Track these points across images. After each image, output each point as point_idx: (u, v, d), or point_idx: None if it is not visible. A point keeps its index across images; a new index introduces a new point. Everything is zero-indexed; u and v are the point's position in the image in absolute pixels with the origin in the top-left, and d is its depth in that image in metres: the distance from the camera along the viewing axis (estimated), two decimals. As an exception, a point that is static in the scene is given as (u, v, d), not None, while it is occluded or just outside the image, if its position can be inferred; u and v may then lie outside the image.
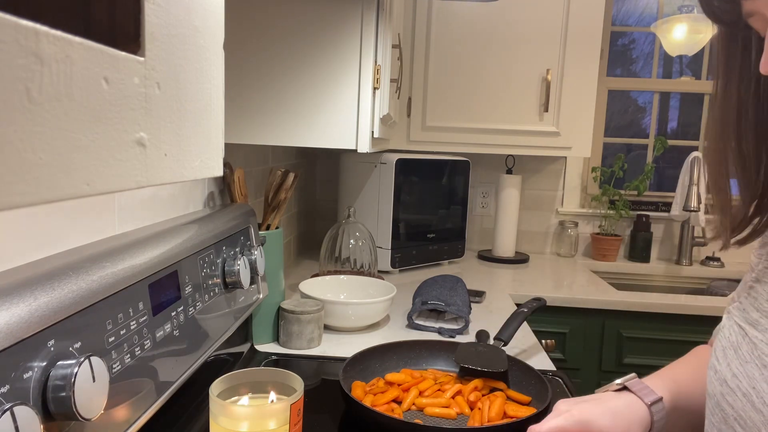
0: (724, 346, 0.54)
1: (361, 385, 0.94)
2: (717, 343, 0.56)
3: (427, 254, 1.94)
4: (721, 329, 0.56)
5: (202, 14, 0.36)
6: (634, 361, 1.72)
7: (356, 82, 1.05)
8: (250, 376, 0.72)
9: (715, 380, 0.53)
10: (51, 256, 0.56)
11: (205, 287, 0.80)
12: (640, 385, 0.67)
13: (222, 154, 0.41)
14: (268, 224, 1.17)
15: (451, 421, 0.89)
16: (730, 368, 0.51)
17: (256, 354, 1.13)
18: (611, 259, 2.28)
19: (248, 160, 1.34)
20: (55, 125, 0.21)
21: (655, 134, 2.41)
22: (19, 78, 0.19)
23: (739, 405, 0.49)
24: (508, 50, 1.97)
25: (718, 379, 0.53)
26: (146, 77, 0.29)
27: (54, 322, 0.46)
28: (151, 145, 0.30)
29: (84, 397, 0.44)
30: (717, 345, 0.55)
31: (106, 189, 0.25)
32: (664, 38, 2.20)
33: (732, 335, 0.53)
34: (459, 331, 1.29)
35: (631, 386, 0.67)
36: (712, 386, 0.54)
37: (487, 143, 2.02)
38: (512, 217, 2.17)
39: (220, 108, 0.40)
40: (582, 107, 1.99)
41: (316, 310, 1.17)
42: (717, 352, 0.55)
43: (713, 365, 0.55)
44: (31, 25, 0.19)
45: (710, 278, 2.24)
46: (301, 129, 1.07)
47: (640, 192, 2.29)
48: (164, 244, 0.69)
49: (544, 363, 1.16)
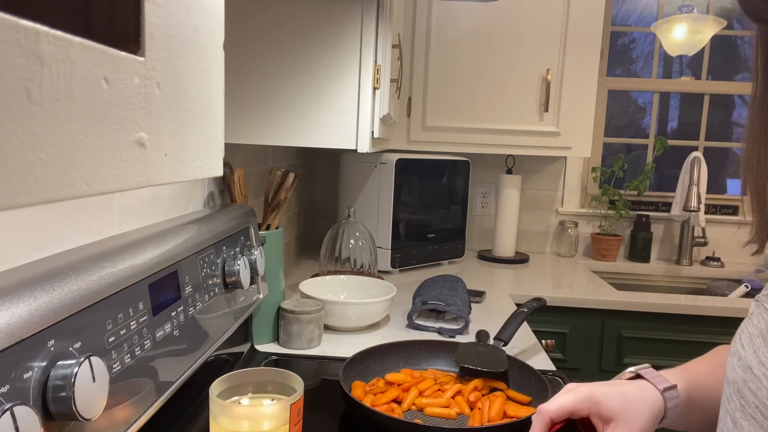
0: (751, 333, 0.53)
1: (361, 385, 0.94)
2: (743, 330, 0.54)
3: (427, 254, 1.94)
4: (749, 316, 0.55)
5: (202, 14, 0.36)
6: (634, 361, 1.72)
7: (356, 82, 1.05)
8: (250, 376, 0.72)
9: (738, 367, 0.53)
10: (51, 256, 0.56)
11: (205, 287, 0.80)
12: (653, 373, 0.67)
13: (222, 154, 0.41)
14: (268, 224, 1.17)
15: (451, 421, 0.89)
16: (756, 355, 0.51)
17: (256, 354, 1.13)
18: (611, 259, 2.28)
19: (248, 160, 1.34)
20: (55, 125, 0.21)
21: (655, 134, 2.41)
22: (19, 78, 0.19)
23: (764, 393, 0.49)
24: (508, 50, 1.97)
25: (742, 365, 0.52)
26: (146, 77, 0.29)
27: (54, 322, 0.46)
28: (151, 145, 0.30)
29: (84, 397, 0.44)
30: (743, 332, 0.54)
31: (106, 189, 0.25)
32: (664, 38, 2.20)
33: (762, 323, 0.52)
34: (459, 331, 1.29)
35: (644, 374, 0.67)
36: (734, 372, 0.53)
37: (487, 143, 2.02)
38: (512, 217, 2.17)
39: (220, 108, 0.40)
40: (582, 107, 1.99)
41: (316, 310, 1.17)
42: (743, 338, 0.54)
43: (737, 352, 0.54)
44: (31, 25, 0.19)
45: (710, 278, 2.24)
46: (301, 129, 1.07)
47: (640, 192, 2.29)
48: (164, 244, 0.69)
49: (544, 363, 1.16)
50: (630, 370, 0.69)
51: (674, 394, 0.64)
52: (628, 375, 0.69)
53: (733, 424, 0.52)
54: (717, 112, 2.41)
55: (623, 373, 0.69)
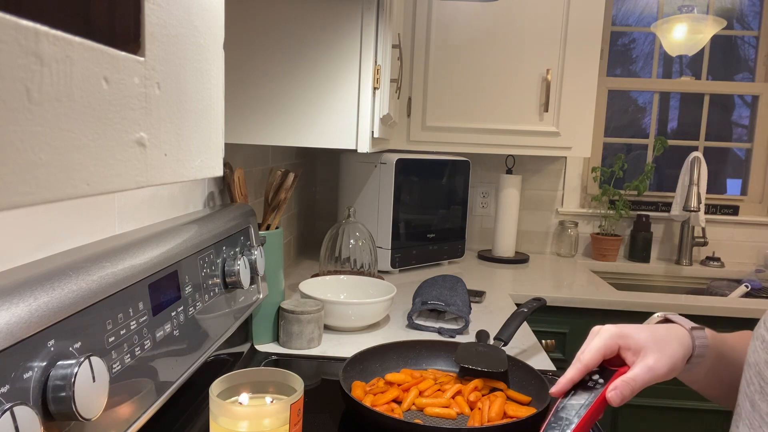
0: None
1: (361, 385, 0.94)
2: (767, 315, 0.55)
3: (427, 254, 1.94)
4: None
5: (202, 14, 0.36)
6: (634, 361, 1.72)
7: (356, 82, 1.05)
8: (250, 376, 0.72)
9: (761, 349, 0.52)
10: (51, 256, 0.56)
11: (205, 287, 0.80)
12: (681, 318, 0.67)
13: (222, 154, 0.41)
14: (268, 224, 1.17)
15: (451, 421, 0.89)
16: None
17: (256, 354, 1.13)
18: (611, 259, 2.28)
19: (248, 160, 1.34)
20: (55, 125, 0.21)
21: (655, 134, 2.41)
22: (19, 78, 0.19)
23: None
24: (508, 50, 1.97)
25: (766, 347, 0.52)
26: (146, 77, 0.29)
27: (54, 322, 0.46)
28: (151, 145, 0.30)
29: (84, 397, 0.44)
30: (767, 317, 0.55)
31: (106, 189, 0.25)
32: (664, 38, 2.20)
33: None
34: (459, 331, 1.29)
35: (672, 317, 0.67)
36: (756, 355, 0.53)
37: (487, 143, 2.02)
38: (512, 217, 2.17)
39: (220, 108, 0.40)
40: (582, 107, 1.99)
41: (316, 310, 1.17)
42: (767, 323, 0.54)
43: (761, 335, 0.53)
44: (31, 25, 0.19)
45: (710, 278, 2.24)
46: (301, 129, 1.07)
47: (640, 192, 2.29)
48: (164, 244, 0.69)
49: (544, 363, 1.16)
50: (658, 314, 0.69)
51: (702, 334, 0.64)
52: (656, 319, 0.68)
53: (752, 407, 0.51)
54: (717, 112, 2.41)
55: (652, 318, 0.69)
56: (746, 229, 2.34)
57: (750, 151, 2.40)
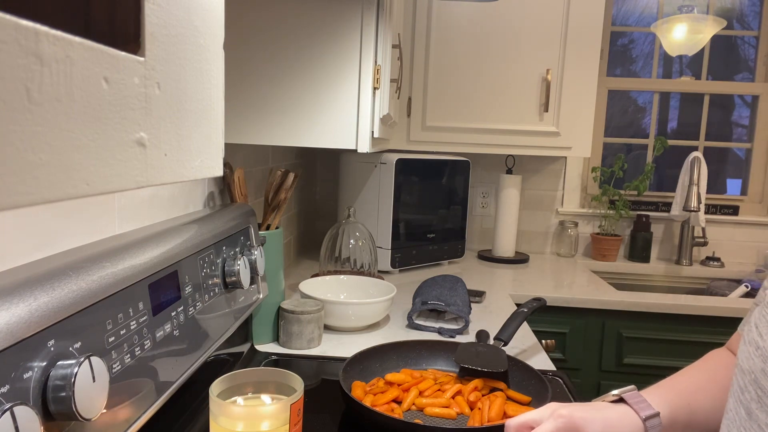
0: None
1: (361, 385, 0.94)
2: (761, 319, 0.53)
3: (427, 254, 1.94)
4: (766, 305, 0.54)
5: (202, 14, 0.36)
6: (634, 361, 1.72)
7: (356, 82, 1.05)
8: (250, 376, 0.72)
9: (756, 356, 0.52)
10: (51, 256, 0.56)
11: (205, 287, 0.80)
12: (637, 398, 0.66)
13: (222, 154, 0.41)
14: (268, 224, 1.17)
15: (451, 421, 0.89)
16: None
17: (256, 354, 1.13)
18: (611, 259, 2.28)
19: (248, 160, 1.34)
20: (55, 125, 0.21)
21: (655, 134, 2.41)
22: (19, 78, 0.19)
23: None
24: (508, 50, 1.97)
25: (761, 355, 0.51)
26: (146, 77, 0.29)
27: (54, 322, 0.46)
28: (151, 145, 0.30)
29: (84, 397, 0.44)
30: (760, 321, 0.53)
31: (106, 189, 0.25)
32: (664, 38, 2.20)
33: None
34: (459, 331, 1.29)
35: (627, 398, 0.66)
36: (751, 362, 0.52)
37: (487, 143, 2.02)
38: (512, 217, 2.17)
39: (220, 108, 0.40)
40: (582, 107, 1.99)
41: (316, 310, 1.17)
42: (760, 327, 0.52)
43: (754, 341, 0.52)
44: (31, 25, 0.19)
45: (710, 278, 2.24)
46: (301, 129, 1.07)
47: (640, 192, 2.29)
48: (164, 244, 0.69)
49: (544, 363, 1.16)
50: (614, 393, 0.68)
51: (656, 422, 0.64)
52: (611, 398, 0.68)
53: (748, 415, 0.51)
54: (717, 112, 2.41)
55: (606, 396, 0.69)
56: (746, 229, 2.34)
57: (750, 151, 2.40)
